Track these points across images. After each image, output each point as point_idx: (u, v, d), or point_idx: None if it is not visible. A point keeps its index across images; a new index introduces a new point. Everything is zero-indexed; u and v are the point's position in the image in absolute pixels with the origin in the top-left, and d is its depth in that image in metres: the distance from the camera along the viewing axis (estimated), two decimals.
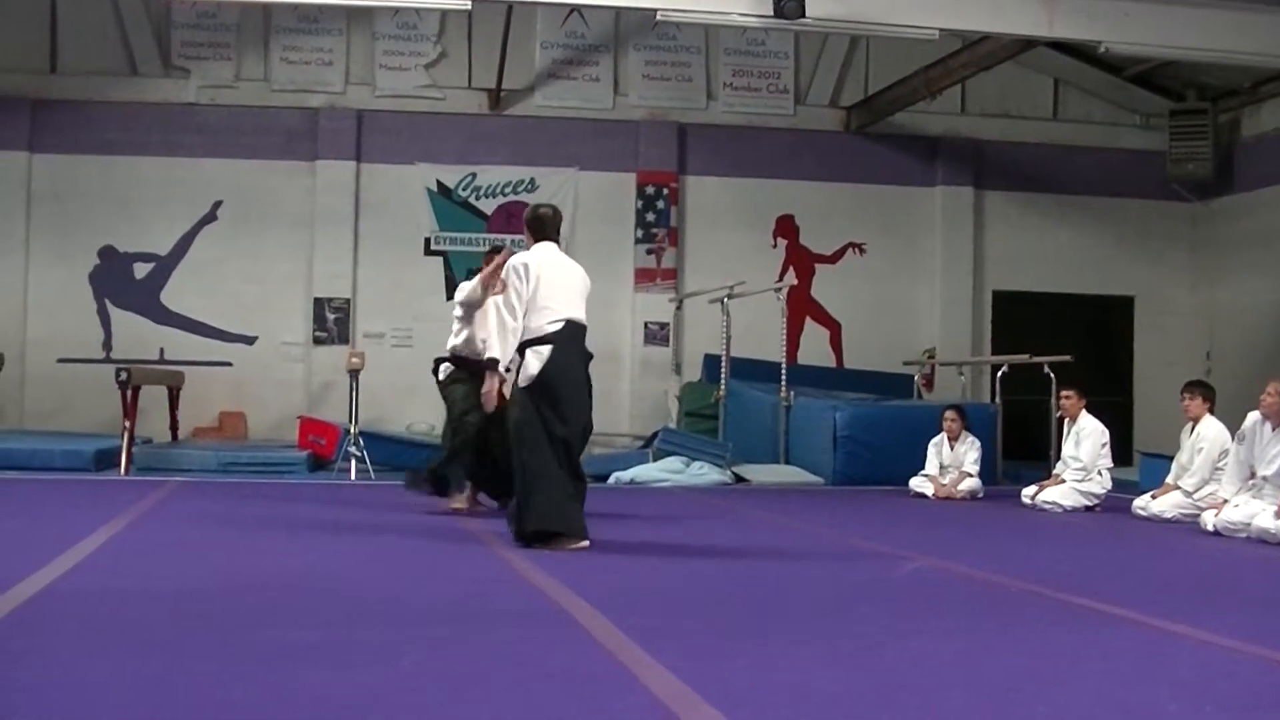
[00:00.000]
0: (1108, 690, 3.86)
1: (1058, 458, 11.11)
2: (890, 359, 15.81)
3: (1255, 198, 15.84)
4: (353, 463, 11.82)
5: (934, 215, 16.46)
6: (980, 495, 11.36)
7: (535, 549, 6.66)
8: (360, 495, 10.45)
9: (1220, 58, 12.82)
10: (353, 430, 11.91)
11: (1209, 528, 8.58)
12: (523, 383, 6.85)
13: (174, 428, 14.11)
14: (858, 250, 16.41)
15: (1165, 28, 12.02)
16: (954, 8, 11.78)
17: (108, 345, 15.00)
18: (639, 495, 10.79)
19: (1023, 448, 13.94)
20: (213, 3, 14.86)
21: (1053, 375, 12.55)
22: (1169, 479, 9.82)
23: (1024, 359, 13.37)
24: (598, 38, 15.91)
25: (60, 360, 14.82)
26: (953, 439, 11.51)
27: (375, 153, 15.46)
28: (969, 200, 16.50)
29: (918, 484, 11.42)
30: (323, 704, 3.45)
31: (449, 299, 14.01)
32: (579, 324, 6.99)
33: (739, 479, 12.33)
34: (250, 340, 15.27)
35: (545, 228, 7.30)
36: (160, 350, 15.04)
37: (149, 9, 15.15)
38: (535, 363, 6.80)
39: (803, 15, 11.01)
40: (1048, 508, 10.35)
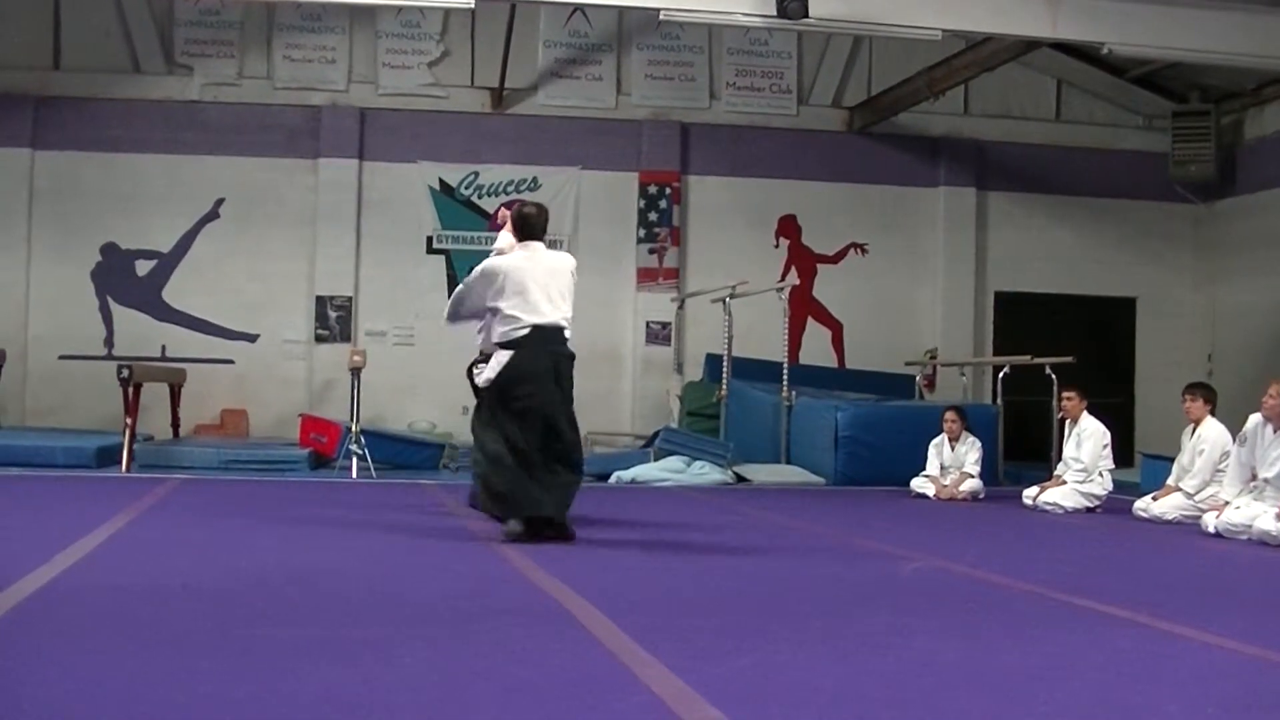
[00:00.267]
0: (1109, 690, 3.86)
1: (1059, 459, 11.10)
2: (892, 359, 15.80)
3: (1257, 199, 15.84)
4: (354, 461, 11.81)
5: (936, 216, 16.45)
6: (981, 496, 11.36)
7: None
8: (361, 493, 10.46)
9: (1223, 59, 12.81)
10: (354, 428, 11.90)
11: (1210, 529, 8.57)
12: (481, 384, 7.26)
13: (175, 425, 14.11)
14: (860, 250, 16.41)
15: (1168, 29, 12.02)
16: (957, 8, 11.78)
17: (109, 342, 15.00)
18: (640, 495, 10.79)
19: (1024, 449, 13.93)
20: (216, 0, 14.87)
21: (1054, 376, 12.53)
22: (1170, 481, 9.82)
23: (1025, 360, 13.36)
24: (601, 37, 15.90)
25: (62, 357, 14.82)
26: (954, 439, 11.51)
27: (378, 151, 15.46)
28: (971, 201, 16.50)
29: (919, 484, 11.41)
30: (324, 701, 3.45)
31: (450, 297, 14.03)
32: (550, 327, 7.12)
33: (740, 479, 12.32)
34: (252, 338, 15.27)
35: (530, 228, 7.37)
36: (162, 348, 15.04)
37: (152, 7, 15.16)
38: (495, 367, 7.14)
39: (806, 15, 11.02)
40: (1049, 509, 10.35)
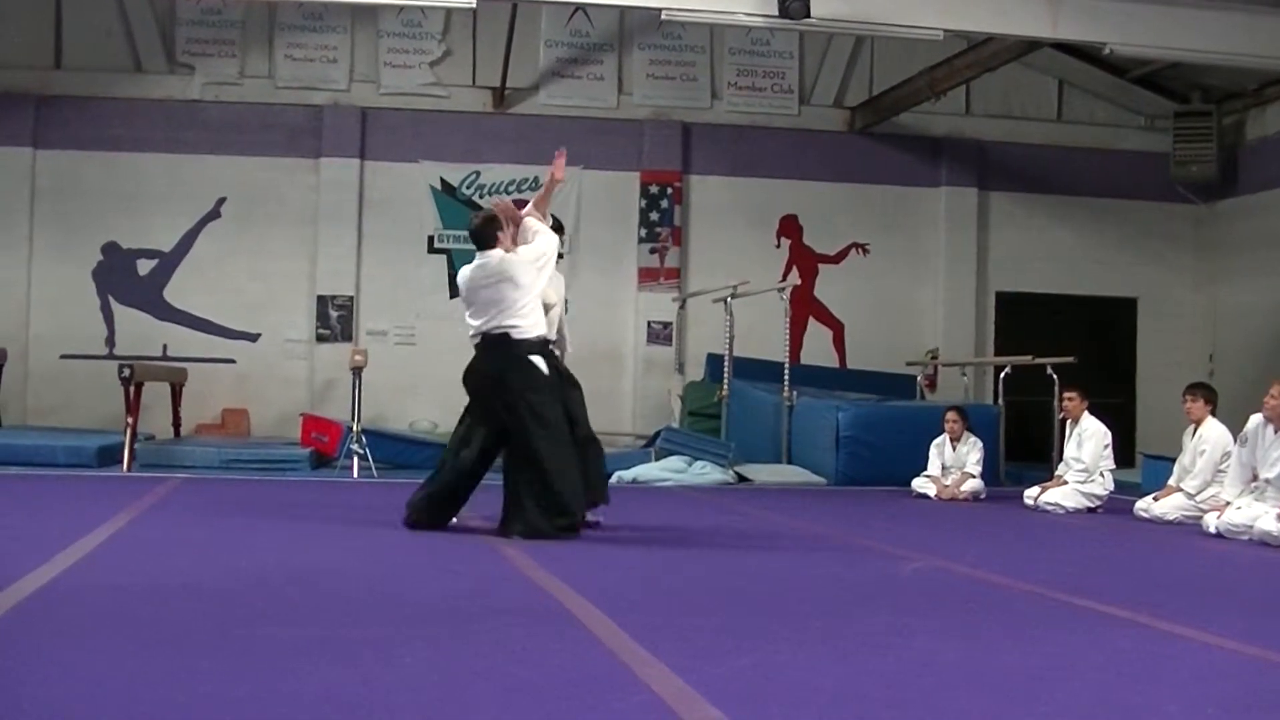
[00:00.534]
0: (1109, 691, 3.86)
1: (1060, 459, 11.09)
2: (893, 359, 15.80)
3: (1259, 200, 15.83)
4: (355, 460, 11.81)
5: (937, 216, 16.44)
6: (983, 496, 11.36)
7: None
8: (362, 493, 10.46)
9: (1225, 60, 12.81)
10: (355, 428, 11.90)
11: (1211, 530, 8.57)
12: None
13: (176, 424, 14.10)
14: (861, 250, 16.40)
15: (1170, 29, 12.01)
16: (959, 8, 11.77)
17: (111, 342, 15.00)
18: (641, 494, 10.78)
19: (1025, 449, 13.93)
20: (218, 0, 14.87)
21: (1055, 376, 12.52)
22: (1171, 481, 9.81)
23: (1027, 360, 13.35)
24: (602, 37, 15.90)
25: (63, 356, 14.82)
26: (955, 440, 11.51)
27: (379, 150, 15.46)
28: (973, 201, 16.49)
29: (920, 484, 11.41)
30: (324, 701, 3.45)
31: (452, 297, 14.04)
32: (486, 335, 7.31)
33: (741, 479, 12.32)
34: (253, 337, 15.28)
35: (475, 240, 7.52)
36: (163, 347, 15.05)
37: (154, 6, 15.16)
38: None
39: (807, 15, 11.02)
40: (1050, 509, 10.34)
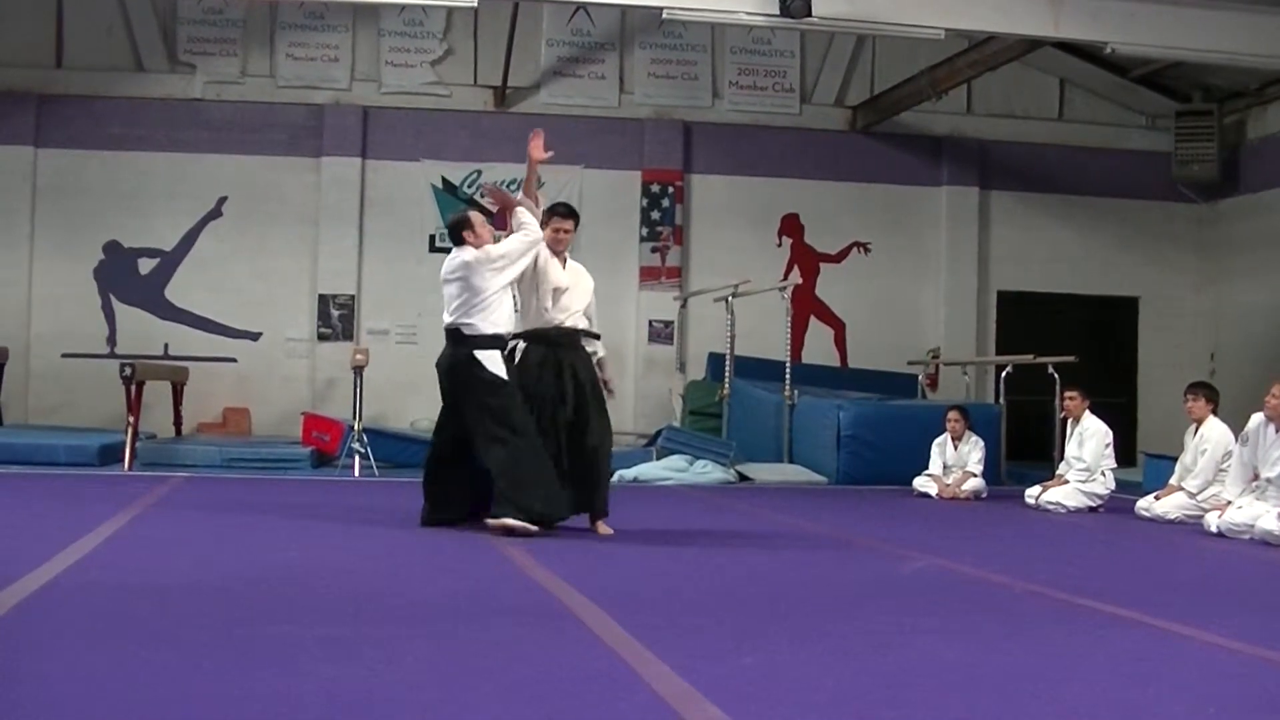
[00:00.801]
0: (1111, 690, 3.86)
1: (1061, 458, 11.09)
2: (894, 358, 15.79)
3: (1260, 199, 15.82)
4: (356, 459, 11.81)
5: (939, 215, 16.44)
6: (984, 495, 11.36)
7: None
8: (364, 492, 10.46)
9: (1227, 59, 12.79)
10: (356, 427, 11.90)
11: (1212, 529, 8.57)
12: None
13: (178, 423, 14.11)
14: (862, 249, 16.39)
15: (1172, 29, 12.01)
16: (960, 8, 11.77)
17: (112, 340, 15.00)
18: (642, 493, 10.79)
19: (1026, 448, 13.93)
20: None
21: (1057, 375, 12.51)
22: (1172, 480, 9.82)
23: (1028, 359, 13.35)
24: (604, 36, 15.90)
25: (65, 355, 14.82)
26: (956, 439, 11.51)
27: (380, 149, 15.46)
28: (974, 200, 16.49)
29: (921, 484, 11.41)
30: (326, 699, 3.45)
31: None
32: (447, 328, 7.40)
33: (742, 478, 12.32)
34: (255, 336, 15.28)
35: (449, 237, 7.62)
36: (165, 346, 15.05)
37: (155, 5, 15.16)
38: None
39: (809, 14, 11.02)
40: (1051, 508, 10.34)
